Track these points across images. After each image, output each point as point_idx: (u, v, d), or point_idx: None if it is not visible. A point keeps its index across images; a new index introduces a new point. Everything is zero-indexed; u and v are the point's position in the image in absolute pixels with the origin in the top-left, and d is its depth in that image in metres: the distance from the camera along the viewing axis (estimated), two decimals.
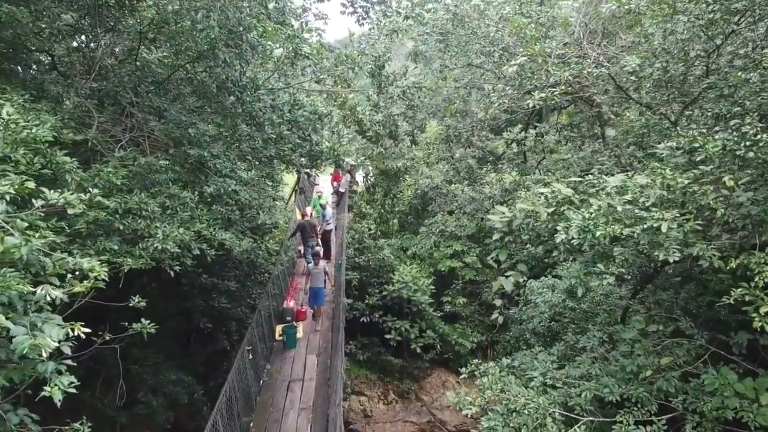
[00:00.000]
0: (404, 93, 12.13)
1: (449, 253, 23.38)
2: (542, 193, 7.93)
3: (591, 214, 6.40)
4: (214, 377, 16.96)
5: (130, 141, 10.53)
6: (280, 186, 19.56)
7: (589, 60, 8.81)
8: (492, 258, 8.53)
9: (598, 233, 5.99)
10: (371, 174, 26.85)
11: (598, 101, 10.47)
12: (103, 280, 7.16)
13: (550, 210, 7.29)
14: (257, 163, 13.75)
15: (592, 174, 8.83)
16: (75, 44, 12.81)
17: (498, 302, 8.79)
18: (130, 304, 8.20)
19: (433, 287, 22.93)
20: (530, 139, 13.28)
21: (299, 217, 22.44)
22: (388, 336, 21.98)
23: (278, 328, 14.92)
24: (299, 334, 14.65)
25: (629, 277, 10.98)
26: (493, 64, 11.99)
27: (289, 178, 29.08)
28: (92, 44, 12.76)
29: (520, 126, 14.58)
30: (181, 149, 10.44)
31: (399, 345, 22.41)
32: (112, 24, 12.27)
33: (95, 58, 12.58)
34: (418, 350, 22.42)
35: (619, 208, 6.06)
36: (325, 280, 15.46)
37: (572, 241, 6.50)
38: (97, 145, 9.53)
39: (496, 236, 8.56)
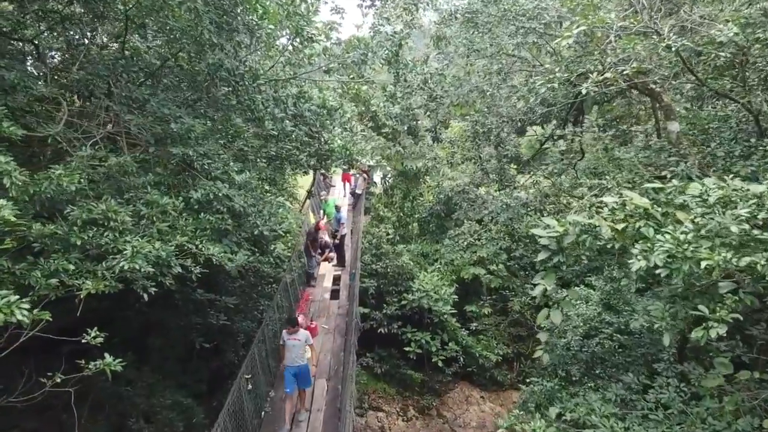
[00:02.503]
0: (425, 82, 10.32)
1: (473, 259, 21.57)
2: (604, 203, 6.08)
3: (686, 234, 4.53)
4: (218, 396, 15.34)
5: (106, 138, 8.90)
6: (286, 189, 17.81)
7: (656, 36, 6.94)
8: (535, 283, 6.69)
9: (704, 263, 4.13)
10: (389, 175, 25.07)
11: (658, 90, 8.56)
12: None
13: (620, 226, 5.43)
14: (265, 163, 12.09)
15: (660, 178, 6.98)
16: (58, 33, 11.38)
17: (543, 336, 6.92)
18: (83, 341, 6.54)
19: (455, 296, 21.14)
20: (570, 136, 11.38)
21: (312, 221, 20.78)
22: (407, 349, 20.22)
23: None
24: (308, 354, 12.89)
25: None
26: (530, 47, 10.14)
27: (305, 180, 27.46)
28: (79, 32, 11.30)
29: (554, 122, 12.72)
30: (163, 147, 8.76)
31: (419, 357, 20.67)
32: (101, 9, 10.75)
33: (79, 46, 11.16)
34: (440, 363, 20.62)
35: (734, 229, 4.19)
36: (307, 354, 10.65)
37: (657, 271, 4.65)
38: (60, 142, 7.90)
39: (541, 256, 6.71)
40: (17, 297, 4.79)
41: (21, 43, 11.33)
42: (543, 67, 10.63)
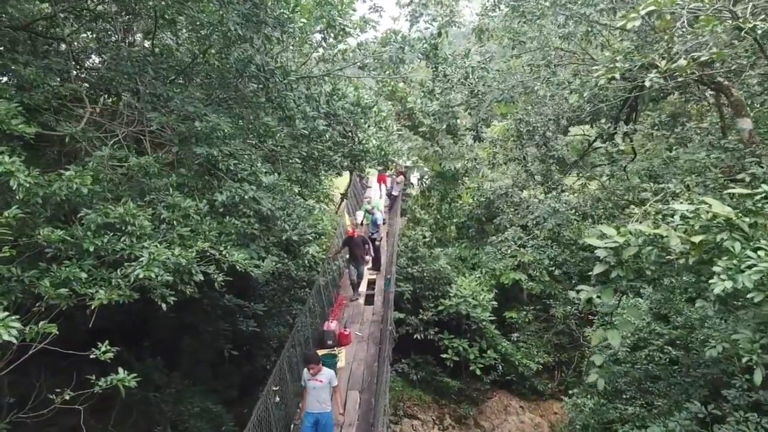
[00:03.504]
0: (466, 77, 9.52)
1: (513, 264, 20.63)
2: (673, 210, 5.25)
3: None
4: (249, 402, 14.89)
5: (131, 137, 8.45)
6: (319, 191, 17.21)
7: (731, 21, 6.04)
8: (585, 298, 5.91)
9: None
10: (426, 176, 24.25)
11: (726, 83, 7.61)
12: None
13: (697, 238, 4.60)
14: (299, 164, 11.51)
15: (735, 181, 6.09)
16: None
17: (598, 359, 6.13)
18: (91, 357, 6.01)
19: (494, 302, 20.23)
20: (622, 135, 10.41)
21: (348, 223, 20.18)
22: (444, 356, 19.42)
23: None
24: (340, 364, 12.25)
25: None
26: (579, 39, 9.25)
27: (342, 181, 26.86)
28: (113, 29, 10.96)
29: (603, 120, 11.73)
30: (188, 147, 8.23)
31: (456, 364, 19.85)
32: (134, 6, 10.43)
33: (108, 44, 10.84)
34: (478, 372, 19.76)
35: None
36: (332, 399, 9.19)
37: (750, 295, 3.82)
38: (78, 141, 7.45)
39: (597, 269, 5.91)
40: (6, 314, 4.25)
41: (56, 43, 11.08)
42: (593, 60, 9.75)
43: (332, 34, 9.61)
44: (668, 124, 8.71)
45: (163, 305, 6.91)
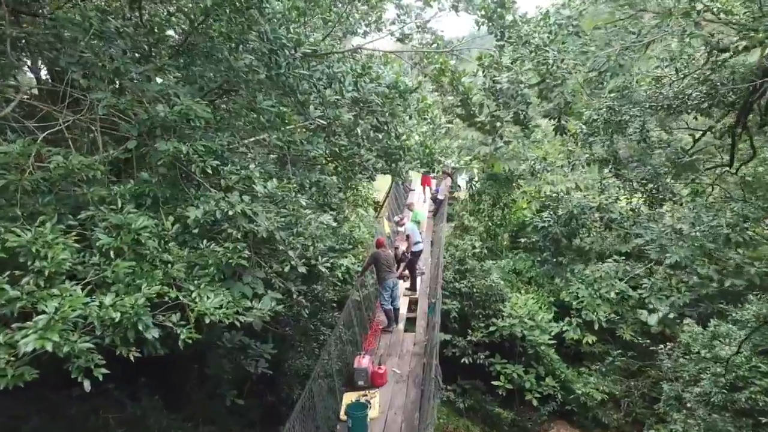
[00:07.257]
0: (547, 42, 6.51)
1: None
2: None
3: None
4: None
5: (76, 126, 5.97)
6: (350, 197, 14.43)
7: None
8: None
9: None
10: (476, 178, 21.13)
11: None
12: None
13: None
14: (325, 165, 8.91)
15: None
16: None
17: None
18: None
19: (554, 322, 17.20)
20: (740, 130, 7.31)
21: (388, 230, 17.43)
22: (495, 383, 16.51)
23: (344, 401, 9.86)
24: (373, 413, 9.51)
25: None
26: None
27: (382, 184, 24.05)
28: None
29: (717, 110, 8.66)
30: (152, 141, 5.65)
31: (509, 392, 16.91)
32: None
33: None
34: (535, 402, 16.77)
35: None
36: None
37: None
38: None
39: None
40: None
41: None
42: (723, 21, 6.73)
43: None
44: None
45: (86, 384, 4.29)
